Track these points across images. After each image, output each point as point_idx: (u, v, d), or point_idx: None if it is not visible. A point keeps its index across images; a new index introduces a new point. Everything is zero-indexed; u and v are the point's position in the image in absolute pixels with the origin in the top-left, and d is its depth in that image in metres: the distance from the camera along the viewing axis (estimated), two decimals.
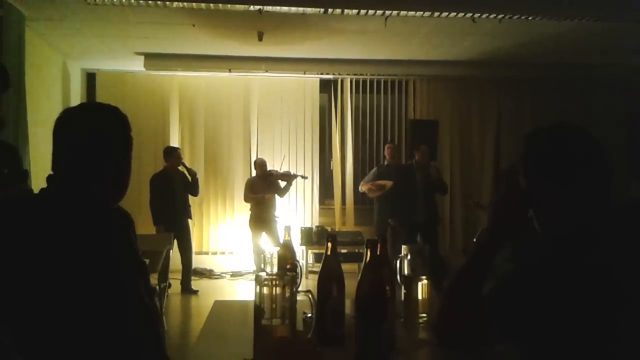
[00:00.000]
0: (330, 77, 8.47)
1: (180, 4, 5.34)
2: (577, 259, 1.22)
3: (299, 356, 1.43)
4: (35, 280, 1.39)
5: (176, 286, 6.80)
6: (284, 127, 8.55)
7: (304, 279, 2.52)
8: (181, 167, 7.02)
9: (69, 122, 1.55)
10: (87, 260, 1.41)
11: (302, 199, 8.53)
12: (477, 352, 1.50)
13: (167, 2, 5.28)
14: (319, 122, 8.64)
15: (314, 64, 7.95)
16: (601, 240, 1.25)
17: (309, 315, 1.71)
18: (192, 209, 7.22)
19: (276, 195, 7.35)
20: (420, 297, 2.00)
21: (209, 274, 8.10)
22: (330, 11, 5.56)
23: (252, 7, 5.44)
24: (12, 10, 5.40)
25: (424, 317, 1.99)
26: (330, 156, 8.74)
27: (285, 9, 5.51)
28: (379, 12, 5.63)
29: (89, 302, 1.40)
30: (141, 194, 7.03)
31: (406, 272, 2.04)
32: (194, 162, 8.08)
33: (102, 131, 1.55)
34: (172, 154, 6.99)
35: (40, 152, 5.48)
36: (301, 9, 5.53)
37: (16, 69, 5.30)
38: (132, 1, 5.26)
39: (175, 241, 6.16)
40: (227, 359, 1.71)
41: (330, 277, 1.72)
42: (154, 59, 7.61)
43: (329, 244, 1.73)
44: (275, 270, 1.64)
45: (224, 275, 8.12)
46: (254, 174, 7.63)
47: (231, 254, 8.36)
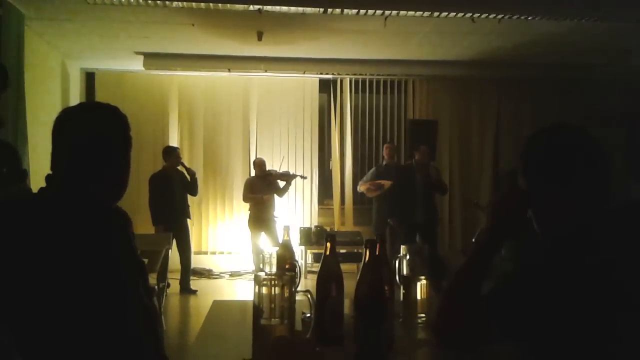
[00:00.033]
0: (329, 77, 8.47)
1: (179, 4, 5.34)
2: (577, 259, 1.22)
3: (298, 356, 1.43)
4: (34, 280, 1.39)
5: (175, 286, 6.80)
6: (283, 127, 8.55)
7: (302, 279, 2.51)
8: (180, 167, 7.02)
9: (68, 122, 1.55)
10: (86, 260, 1.41)
11: (301, 198, 8.52)
12: (476, 352, 1.50)
13: (167, 2, 5.28)
14: (318, 122, 8.64)
15: (313, 64, 7.95)
16: (601, 240, 1.25)
17: (308, 315, 1.71)
18: (191, 208, 7.21)
19: (275, 195, 7.35)
20: (419, 297, 2.00)
21: (207, 273, 8.10)
22: (329, 11, 5.56)
23: (251, 6, 5.44)
24: (12, 9, 5.40)
25: (422, 317, 1.98)
26: (329, 156, 8.74)
27: (284, 8, 5.51)
28: (379, 12, 5.63)
29: (88, 301, 1.40)
30: (140, 194, 7.02)
31: (405, 272, 2.03)
32: (193, 162, 8.07)
33: (102, 131, 1.55)
34: (171, 154, 6.98)
35: (39, 151, 5.47)
36: (301, 9, 5.53)
37: (15, 68, 5.29)
38: (132, 1, 5.26)
39: (174, 241, 6.15)
40: (226, 359, 1.71)
41: (329, 277, 1.72)
42: (153, 59, 7.60)
43: (328, 244, 1.73)
44: (274, 270, 1.64)
45: (222, 275, 8.12)
46: (253, 173, 7.63)
47: (230, 254, 8.36)
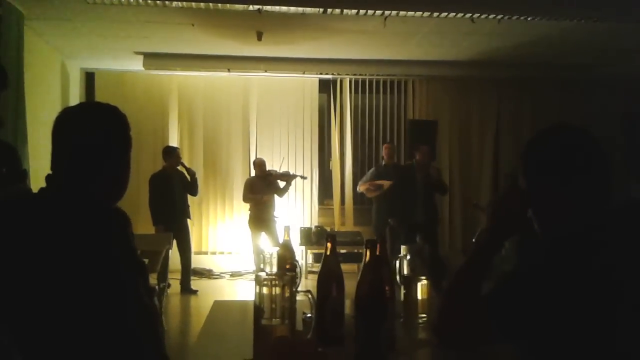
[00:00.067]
0: (329, 77, 8.47)
1: (179, 4, 5.34)
2: (577, 259, 1.22)
3: (299, 356, 1.43)
4: (34, 280, 1.39)
5: (175, 286, 6.80)
6: (283, 127, 8.55)
7: (303, 279, 2.51)
8: (180, 167, 7.02)
9: (68, 122, 1.55)
10: (86, 260, 1.40)
11: (301, 199, 8.53)
12: (476, 352, 1.50)
13: (167, 2, 5.28)
14: (318, 122, 8.64)
15: (313, 64, 7.95)
16: (601, 240, 1.25)
17: (309, 315, 1.71)
18: (191, 208, 7.21)
19: (275, 195, 7.35)
20: (419, 297, 1.99)
21: (208, 274, 8.09)
22: (329, 11, 5.56)
23: (251, 6, 5.44)
24: (11, 9, 5.39)
25: (423, 317, 1.98)
26: (329, 156, 8.74)
27: (284, 8, 5.51)
28: (378, 12, 5.63)
29: (88, 302, 1.40)
30: (140, 194, 7.02)
31: (406, 272, 2.03)
32: (193, 162, 8.07)
33: (102, 131, 1.55)
34: (171, 154, 6.98)
35: (39, 151, 5.47)
36: (300, 9, 5.53)
37: (15, 68, 5.29)
38: (132, 0, 5.26)
39: (174, 241, 6.15)
40: (226, 359, 1.71)
41: (329, 277, 1.72)
42: (153, 59, 7.60)
43: (329, 244, 1.73)
44: (274, 270, 1.64)
45: (223, 275, 8.11)
46: (253, 173, 7.63)
47: (230, 254, 8.36)
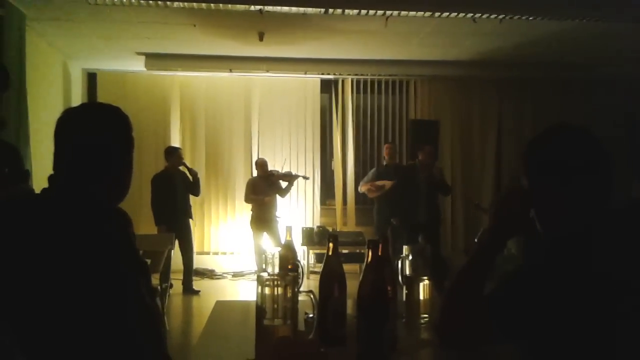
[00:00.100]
0: (331, 77, 8.47)
1: (181, 4, 5.34)
2: (578, 259, 1.22)
3: (301, 356, 1.43)
4: (36, 280, 1.39)
5: (177, 286, 6.80)
6: (284, 127, 8.55)
7: (305, 280, 2.53)
8: (182, 167, 7.02)
9: (70, 122, 1.55)
10: (88, 260, 1.41)
11: (303, 199, 8.53)
12: (478, 352, 1.50)
13: (168, 2, 5.28)
14: (319, 122, 8.64)
15: (314, 64, 7.95)
16: (602, 240, 1.25)
17: (311, 315, 1.71)
18: (193, 209, 7.22)
19: (277, 195, 7.35)
20: (421, 297, 1.99)
21: (210, 274, 8.10)
22: (331, 11, 5.56)
23: (252, 7, 5.44)
24: (13, 10, 5.41)
25: (425, 317, 1.98)
26: (331, 156, 8.74)
27: (286, 9, 5.51)
28: (380, 12, 5.63)
29: (90, 302, 1.40)
30: (142, 194, 7.03)
31: (408, 272, 2.03)
32: (195, 162, 8.08)
33: (104, 131, 1.55)
34: (173, 154, 6.98)
35: (41, 152, 5.48)
36: (302, 9, 5.53)
37: (17, 69, 5.29)
38: (133, 1, 5.26)
39: (176, 241, 6.16)
40: (228, 359, 1.71)
41: (331, 277, 1.72)
42: (155, 59, 7.61)
43: (331, 244, 1.73)
44: (276, 270, 1.64)
45: (225, 275, 8.12)
46: (255, 174, 7.63)
47: (232, 254, 8.36)
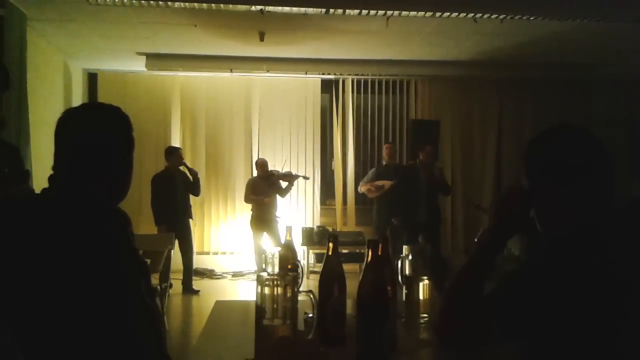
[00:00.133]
0: (331, 77, 8.47)
1: (181, 4, 5.34)
2: (579, 259, 1.22)
3: (301, 356, 1.43)
4: (36, 280, 1.39)
5: (177, 286, 6.80)
6: (285, 127, 8.55)
7: (305, 279, 2.53)
8: (182, 167, 7.02)
9: (71, 122, 1.55)
10: (87, 260, 1.41)
11: (303, 199, 8.53)
12: (478, 352, 1.50)
13: (169, 3, 5.28)
14: (320, 122, 8.64)
15: (315, 64, 7.95)
16: (602, 240, 1.25)
17: (310, 315, 1.71)
18: (193, 209, 7.22)
19: (277, 195, 7.35)
20: (421, 297, 1.99)
21: (210, 274, 8.10)
22: (331, 11, 5.56)
23: (253, 7, 5.44)
24: (14, 10, 5.41)
25: (425, 317, 1.98)
26: (331, 156, 8.74)
27: (286, 9, 5.51)
28: (381, 12, 5.63)
29: (89, 302, 1.40)
30: (142, 194, 7.04)
31: (407, 272, 2.03)
32: (195, 162, 8.08)
33: (104, 131, 1.55)
34: (173, 154, 6.98)
35: (41, 152, 5.48)
36: (303, 9, 5.53)
37: (17, 69, 5.30)
38: (134, 1, 5.26)
39: (176, 241, 6.16)
40: (228, 359, 1.71)
41: (331, 277, 1.72)
42: (155, 59, 7.61)
43: (330, 244, 1.73)
44: (276, 270, 1.64)
45: (225, 275, 8.12)
46: (255, 174, 7.63)
47: (232, 254, 8.37)
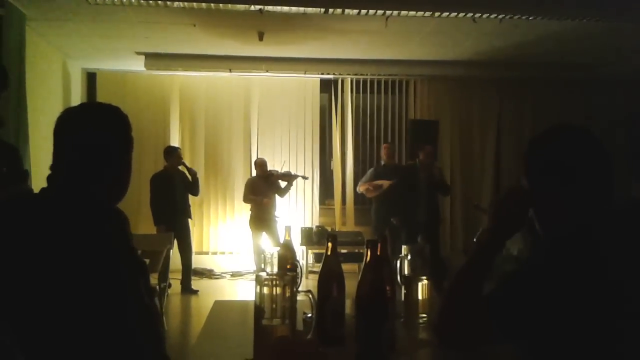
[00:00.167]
0: (330, 77, 8.46)
1: (181, 4, 5.34)
2: (578, 259, 1.22)
3: (300, 356, 1.43)
4: (35, 280, 1.39)
5: (176, 286, 6.80)
6: (284, 127, 8.55)
7: (304, 279, 2.52)
8: (181, 167, 7.02)
9: (70, 122, 1.55)
10: (87, 260, 1.41)
11: (302, 198, 8.53)
12: (477, 352, 1.50)
13: (168, 2, 5.28)
14: (319, 122, 8.64)
15: (314, 64, 7.94)
16: (602, 240, 1.25)
17: (309, 315, 1.71)
18: (192, 208, 7.22)
19: (277, 195, 7.35)
20: (420, 297, 1.99)
21: (209, 274, 8.10)
22: (331, 11, 5.56)
23: (252, 7, 5.44)
24: (13, 9, 5.40)
25: (424, 317, 1.98)
26: (330, 156, 8.74)
27: (286, 8, 5.51)
28: (380, 12, 5.63)
29: (89, 302, 1.40)
30: (141, 194, 7.04)
31: (406, 272, 2.03)
32: (194, 162, 8.08)
33: (103, 131, 1.55)
34: (172, 154, 6.98)
35: (40, 151, 5.48)
36: (302, 9, 5.53)
37: (16, 69, 5.29)
38: (133, 1, 5.26)
39: (175, 241, 6.15)
40: (227, 359, 1.71)
41: (330, 277, 1.72)
42: (154, 59, 7.60)
43: (329, 244, 1.73)
44: (275, 270, 1.64)
45: (224, 275, 8.11)
46: (254, 173, 7.63)
47: (231, 254, 8.36)
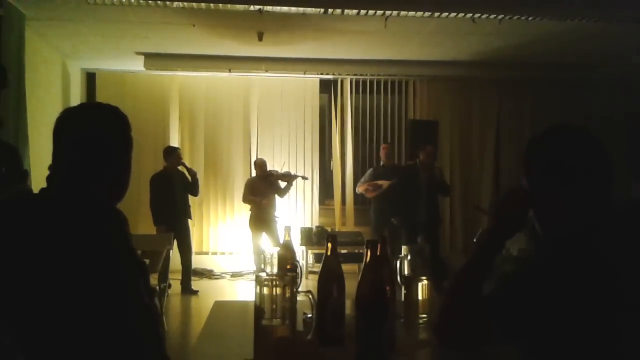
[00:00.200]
0: (330, 77, 8.46)
1: (180, 4, 5.34)
2: (578, 260, 1.22)
3: (300, 356, 1.43)
4: (35, 280, 1.39)
5: (176, 286, 6.80)
6: (283, 127, 8.55)
7: (304, 280, 2.52)
8: (181, 167, 7.01)
9: (69, 122, 1.55)
10: (87, 260, 1.41)
11: (302, 199, 8.53)
12: (477, 352, 1.50)
13: (167, 2, 5.28)
14: (319, 122, 8.64)
15: (314, 64, 7.95)
16: (601, 240, 1.25)
17: (309, 315, 1.71)
18: (192, 209, 7.21)
19: (276, 195, 7.34)
20: (420, 297, 1.99)
21: (209, 274, 8.09)
22: (330, 11, 5.56)
23: (252, 7, 5.44)
24: (12, 9, 5.40)
25: (424, 317, 1.98)
26: (330, 156, 8.74)
27: (285, 9, 5.51)
28: (379, 12, 5.63)
29: (89, 302, 1.40)
30: (141, 194, 7.03)
31: (406, 272, 2.03)
32: (194, 162, 8.07)
33: (102, 131, 1.55)
34: (172, 154, 6.98)
35: (40, 151, 5.48)
36: (301, 9, 5.53)
37: (16, 69, 5.29)
38: (133, 1, 5.26)
39: (175, 241, 6.15)
40: (227, 359, 1.70)
41: (330, 277, 1.72)
42: (154, 59, 7.60)
43: (329, 244, 1.73)
44: (275, 270, 1.64)
45: (224, 275, 8.11)
46: (254, 174, 7.63)
47: (231, 254, 8.36)
